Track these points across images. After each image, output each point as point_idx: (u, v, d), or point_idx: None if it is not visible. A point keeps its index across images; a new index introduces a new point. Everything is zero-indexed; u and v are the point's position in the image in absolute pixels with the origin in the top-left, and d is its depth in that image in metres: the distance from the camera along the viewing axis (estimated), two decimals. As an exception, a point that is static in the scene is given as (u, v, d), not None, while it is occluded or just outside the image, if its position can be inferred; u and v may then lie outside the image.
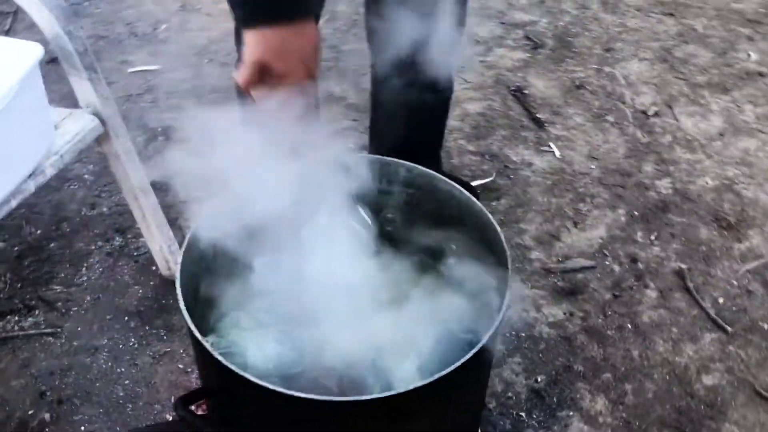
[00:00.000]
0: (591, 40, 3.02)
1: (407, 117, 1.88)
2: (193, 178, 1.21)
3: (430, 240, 1.19)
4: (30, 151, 1.43)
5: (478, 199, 1.21)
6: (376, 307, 1.15)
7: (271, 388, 0.80)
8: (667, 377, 1.79)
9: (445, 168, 2.36)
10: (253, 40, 1.00)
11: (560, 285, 2.01)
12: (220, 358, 0.86)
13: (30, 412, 1.67)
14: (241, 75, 1.05)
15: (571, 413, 1.71)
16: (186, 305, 0.97)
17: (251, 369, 1.06)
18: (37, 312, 1.90)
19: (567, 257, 2.09)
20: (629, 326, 1.91)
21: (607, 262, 2.08)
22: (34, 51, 1.32)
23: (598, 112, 2.63)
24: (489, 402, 1.72)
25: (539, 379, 1.78)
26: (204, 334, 1.11)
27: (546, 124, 2.56)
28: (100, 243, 2.10)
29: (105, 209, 2.21)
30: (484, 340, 0.90)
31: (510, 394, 1.75)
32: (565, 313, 1.94)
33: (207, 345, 0.88)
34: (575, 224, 2.20)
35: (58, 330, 1.85)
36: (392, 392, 0.83)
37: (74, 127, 1.55)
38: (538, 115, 2.59)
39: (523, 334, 1.88)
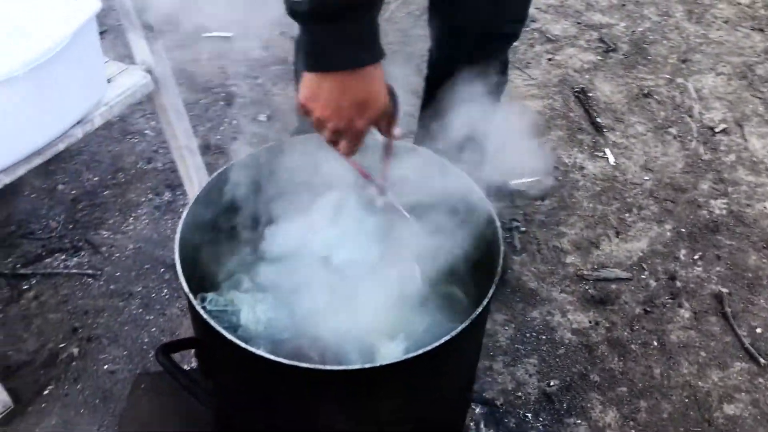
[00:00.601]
0: (668, 49, 2.93)
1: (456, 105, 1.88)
2: (243, 146, 1.26)
3: (434, 225, 1.20)
4: (80, 99, 1.51)
5: (488, 191, 1.21)
6: (372, 287, 1.17)
7: (237, 344, 0.84)
8: (686, 400, 1.75)
9: (493, 162, 2.35)
10: (303, 79, 0.97)
11: (591, 293, 1.98)
12: (199, 309, 0.90)
13: (61, 345, 1.78)
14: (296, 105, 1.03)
15: (579, 421, 1.69)
16: (190, 260, 1.02)
17: (242, 329, 1.10)
18: (82, 253, 2.01)
19: (603, 266, 2.06)
20: (655, 343, 1.87)
21: (643, 276, 2.03)
22: (92, 5, 1.39)
23: (661, 123, 2.55)
24: (497, 399, 1.72)
25: (552, 383, 1.76)
26: (206, 290, 1.17)
27: (605, 130, 2.51)
28: (150, 196, 2.20)
29: (160, 165, 2.30)
30: (459, 329, 0.91)
31: (520, 393, 1.74)
32: (590, 322, 1.91)
33: (191, 296, 0.92)
34: (617, 234, 2.15)
35: (99, 272, 1.95)
36: (354, 366, 0.86)
37: (127, 82, 1.62)
38: (598, 120, 2.54)
39: (544, 337, 1.87)
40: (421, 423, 1.10)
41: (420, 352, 0.89)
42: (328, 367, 0.86)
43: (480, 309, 0.95)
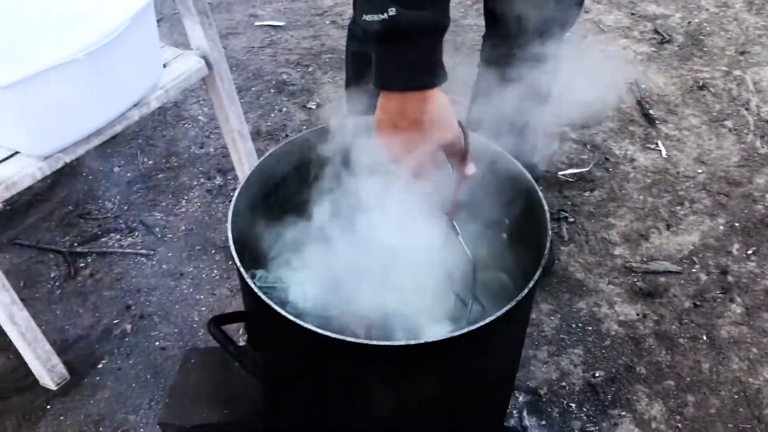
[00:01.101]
0: (725, 41, 2.86)
1: (510, 91, 1.86)
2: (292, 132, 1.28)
3: (484, 209, 1.20)
4: (138, 82, 1.55)
5: (536, 179, 1.21)
6: (420, 269, 1.18)
7: (286, 317, 0.86)
8: (736, 396, 1.71)
9: (543, 153, 2.34)
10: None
11: (639, 285, 1.95)
12: (250, 282, 0.92)
13: (115, 321, 1.84)
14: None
15: (624, 413, 1.67)
16: (241, 239, 1.04)
17: (290, 305, 1.12)
18: (136, 234, 2.07)
19: (652, 259, 2.03)
20: (704, 338, 1.83)
21: (694, 270, 2.00)
22: (150, -10, 1.43)
23: (716, 116, 2.50)
24: (541, 388, 1.71)
25: (597, 375, 1.75)
26: (256, 267, 1.19)
27: (657, 122, 2.46)
28: (202, 180, 2.25)
29: (212, 149, 2.35)
30: (504, 310, 0.91)
31: (564, 383, 1.73)
32: (638, 314, 1.89)
33: (242, 270, 0.95)
34: (668, 227, 2.12)
35: (152, 252, 2.01)
36: (400, 342, 0.87)
37: (182, 67, 1.66)
38: (650, 112, 2.49)
39: (590, 328, 1.85)
40: (464, 404, 1.11)
41: (464, 330, 0.90)
42: (374, 342, 0.87)
43: (525, 291, 0.96)
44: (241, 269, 0.95)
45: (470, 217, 1.27)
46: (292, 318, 0.88)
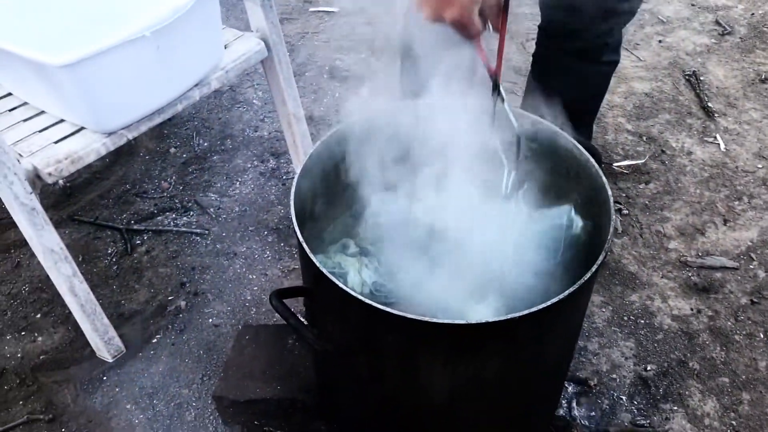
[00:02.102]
0: (790, 33, 2.78)
1: (565, 83, 1.84)
2: (347, 117, 1.29)
3: (544, 194, 1.19)
4: (200, 62, 1.58)
5: (600, 163, 1.19)
6: (479, 256, 1.17)
7: (348, 292, 0.87)
8: (793, 396, 1.67)
9: (598, 143, 2.31)
10: None
11: (694, 280, 1.92)
12: (312, 257, 0.94)
13: (170, 298, 1.88)
14: None
15: (676, 408, 1.65)
16: (300, 218, 1.05)
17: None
18: (191, 213, 2.11)
19: (708, 254, 1.98)
20: (761, 336, 1.79)
21: (751, 266, 1.95)
22: (214, -29, 1.45)
23: (779, 110, 2.43)
24: (591, 379, 1.69)
25: (649, 368, 1.72)
26: (315, 253, 1.21)
27: (716, 115, 2.41)
28: (255, 162, 2.28)
29: (265, 133, 2.38)
30: (566, 293, 0.91)
31: (614, 375, 1.71)
32: (692, 309, 1.85)
33: (305, 245, 0.96)
34: (725, 222, 2.07)
35: (206, 232, 2.05)
36: (461, 321, 0.87)
37: (242, 48, 1.68)
38: (709, 104, 2.44)
39: (642, 321, 1.83)
40: (519, 389, 1.10)
41: (525, 312, 0.90)
42: (434, 320, 0.87)
43: (588, 275, 0.95)
44: (304, 244, 0.96)
45: (532, 200, 1.26)
46: (354, 293, 0.89)
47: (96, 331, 1.68)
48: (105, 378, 1.71)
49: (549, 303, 0.90)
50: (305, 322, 1.11)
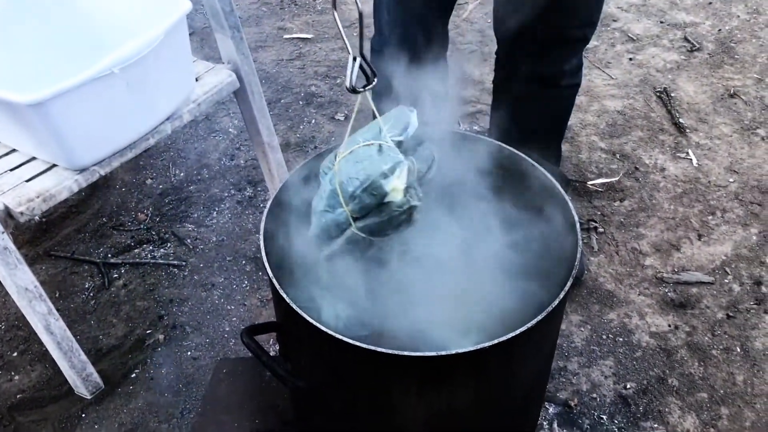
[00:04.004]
0: (757, 48, 2.82)
1: (526, 109, 1.85)
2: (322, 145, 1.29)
3: (510, 221, 1.20)
4: (171, 96, 1.58)
5: (567, 189, 1.21)
6: (450, 284, 1.18)
7: (319, 327, 0.87)
8: (771, 409, 1.69)
9: (572, 162, 2.33)
10: None
11: (670, 296, 1.93)
12: (282, 293, 0.94)
13: (148, 331, 1.87)
14: None
15: (656, 426, 1.66)
16: (271, 254, 1.05)
17: (323, 324, 1.13)
18: (168, 245, 2.10)
19: (684, 269, 2.00)
20: (738, 349, 1.81)
21: (726, 281, 1.97)
22: (183, 5, 1.46)
23: (748, 125, 2.47)
24: (571, 399, 1.70)
25: (628, 386, 1.73)
26: (288, 286, 1.21)
27: (688, 131, 2.44)
28: (232, 191, 2.28)
29: (242, 161, 2.38)
30: (534, 322, 0.91)
31: (595, 395, 1.72)
32: (669, 325, 1.87)
33: (275, 281, 0.96)
34: (699, 237, 2.09)
35: (184, 263, 2.04)
36: (429, 353, 0.87)
37: (213, 80, 1.69)
38: (681, 120, 2.47)
39: (621, 339, 1.84)
40: (495, 414, 1.11)
41: (494, 342, 0.90)
42: (405, 353, 0.88)
43: (556, 302, 0.96)
44: (274, 280, 0.96)
45: (500, 225, 1.27)
46: (324, 329, 0.89)
47: (73, 368, 1.67)
48: (84, 415, 1.69)
49: (517, 332, 0.91)
50: (278, 356, 1.11)
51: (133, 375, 1.77)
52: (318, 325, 0.89)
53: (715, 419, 1.67)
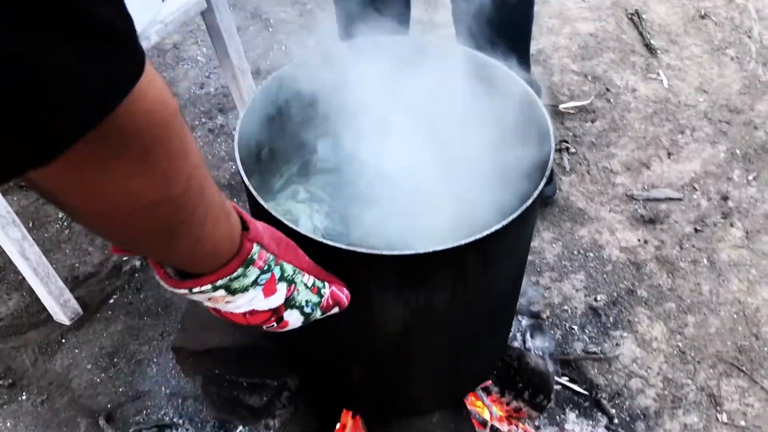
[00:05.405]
0: (728, -31, 2.82)
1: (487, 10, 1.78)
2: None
3: (483, 131, 1.21)
4: (137, 15, 1.54)
5: (539, 94, 1.21)
6: (426, 195, 1.19)
7: (295, 229, 0.88)
8: (735, 316, 1.75)
9: (544, 85, 2.33)
10: None
11: (640, 212, 1.97)
12: (257, 195, 0.94)
13: (124, 258, 1.87)
14: None
15: (626, 334, 1.71)
16: (247, 167, 1.05)
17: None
18: (141, 174, 2.08)
19: (653, 186, 2.04)
20: (705, 261, 1.86)
21: (695, 197, 2.01)
22: None
23: (718, 45, 2.48)
24: (543, 311, 1.74)
25: (599, 298, 1.78)
26: (264, 200, 1.21)
27: (659, 52, 2.45)
28: (204, 119, 2.25)
29: (212, 89, 2.35)
30: (507, 220, 0.93)
31: (566, 307, 1.77)
32: (639, 240, 1.91)
33: (252, 189, 0.96)
34: (669, 155, 2.13)
35: (157, 191, 2.03)
36: (409, 251, 0.89)
37: (180, 0, 1.65)
38: (652, 42, 2.48)
39: (591, 254, 1.88)
40: (473, 317, 1.13)
41: (470, 239, 0.92)
42: (384, 252, 0.89)
43: (530, 201, 0.97)
44: (252, 189, 0.97)
45: (473, 135, 1.27)
46: (306, 233, 0.90)
47: (51, 295, 1.67)
48: (63, 341, 1.70)
49: (492, 230, 0.93)
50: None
51: (112, 301, 1.78)
52: (298, 229, 0.90)
53: (682, 327, 1.73)
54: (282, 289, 0.80)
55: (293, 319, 0.86)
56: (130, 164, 0.49)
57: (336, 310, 0.93)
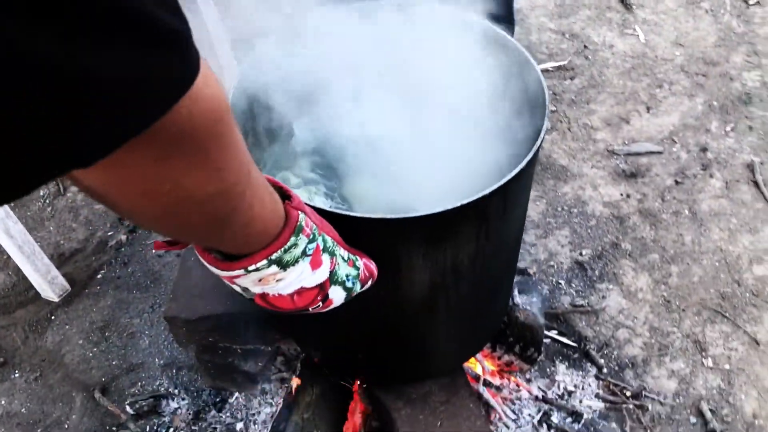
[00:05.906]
0: None
1: None
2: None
3: (476, 88, 1.21)
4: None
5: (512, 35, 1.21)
6: (416, 155, 1.19)
7: (324, 208, 0.87)
8: (717, 264, 1.78)
9: (523, 44, 2.32)
10: None
11: (622, 167, 2.00)
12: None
13: (110, 233, 1.86)
14: None
15: (611, 287, 1.74)
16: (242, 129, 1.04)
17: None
18: (121, 148, 2.06)
19: (634, 141, 2.06)
20: (686, 212, 1.89)
21: (674, 149, 2.04)
22: None
23: (693, -2, 2.50)
24: (530, 267, 1.77)
25: (584, 253, 1.81)
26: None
27: (634, 7, 2.46)
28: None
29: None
30: (517, 169, 0.93)
31: (552, 263, 1.79)
32: (621, 194, 1.93)
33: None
34: (648, 109, 2.15)
35: (139, 165, 2.01)
36: (427, 212, 0.89)
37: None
38: (627, -3, 2.49)
39: (575, 210, 1.90)
40: (492, 271, 1.15)
41: (494, 186, 0.92)
42: (410, 215, 0.89)
43: (535, 148, 0.98)
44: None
45: (466, 94, 1.27)
46: (326, 208, 0.90)
47: (38, 272, 1.66)
48: (53, 317, 1.70)
49: (511, 174, 0.93)
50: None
51: (99, 276, 1.77)
52: (324, 207, 0.88)
53: (666, 277, 1.76)
54: (326, 261, 0.80)
55: (337, 297, 0.86)
56: (185, 162, 0.50)
57: (370, 283, 0.92)
